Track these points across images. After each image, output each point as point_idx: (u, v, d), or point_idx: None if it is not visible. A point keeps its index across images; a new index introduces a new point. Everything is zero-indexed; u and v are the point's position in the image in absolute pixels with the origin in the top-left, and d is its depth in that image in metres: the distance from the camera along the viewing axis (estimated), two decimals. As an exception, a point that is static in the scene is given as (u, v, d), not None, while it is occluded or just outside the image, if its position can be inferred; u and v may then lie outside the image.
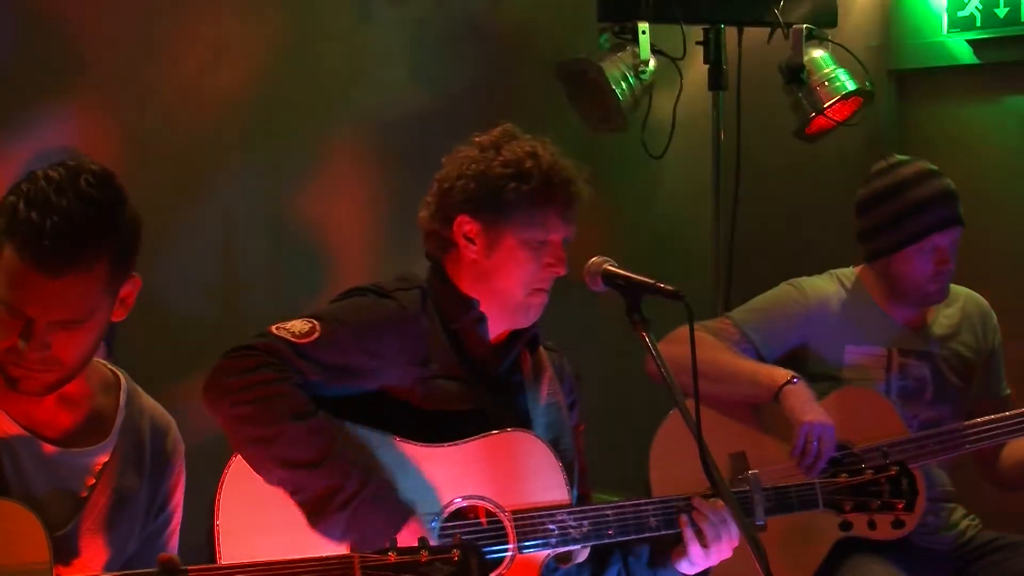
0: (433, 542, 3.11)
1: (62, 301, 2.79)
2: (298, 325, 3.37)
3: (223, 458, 3.27)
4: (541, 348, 3.69)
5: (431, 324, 3.51)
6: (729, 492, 3.31)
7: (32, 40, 4.48)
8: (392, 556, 2.89)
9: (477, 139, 3.57)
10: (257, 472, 3.28)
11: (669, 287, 3.32)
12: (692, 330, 3.28)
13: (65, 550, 2.92)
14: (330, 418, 3.32)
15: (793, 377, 4.15)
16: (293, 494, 3.27)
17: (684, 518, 3.53)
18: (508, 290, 3.51)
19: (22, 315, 2.79)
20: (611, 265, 3.44)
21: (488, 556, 3.40)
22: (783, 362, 4.32)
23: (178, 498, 3.16)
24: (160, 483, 3.12)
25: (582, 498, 3.67)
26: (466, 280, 3.54)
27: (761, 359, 4.33)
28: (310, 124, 5.08)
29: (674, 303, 3.27)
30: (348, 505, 3.23)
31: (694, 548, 3.51)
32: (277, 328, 3.37)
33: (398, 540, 3.10)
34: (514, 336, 3.60)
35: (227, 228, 4.95)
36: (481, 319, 3.54)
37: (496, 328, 3.57)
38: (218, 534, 3.27)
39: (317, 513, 3.25)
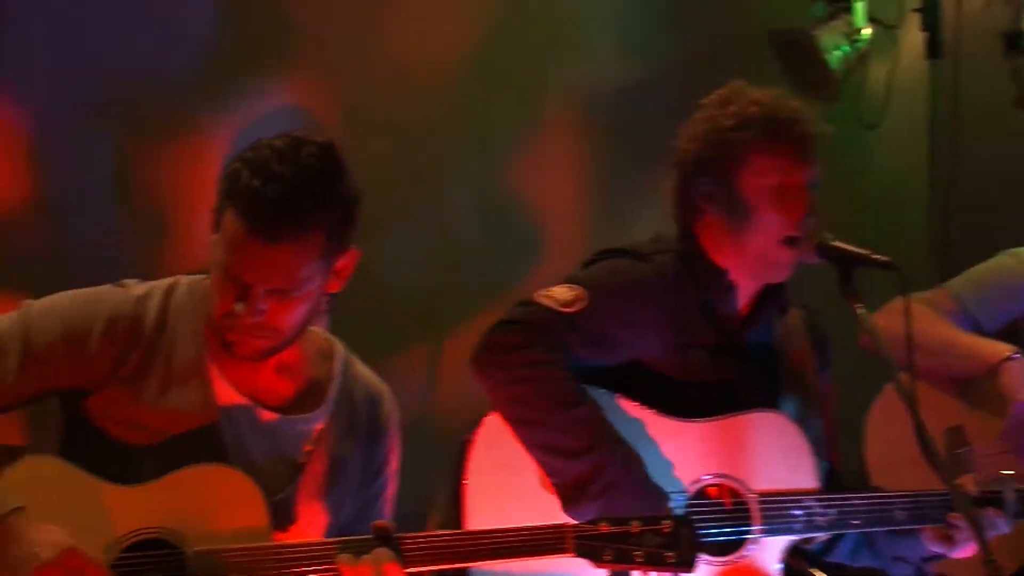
0: None
1: (277, 268, 2.84)
2: (562, 293, 3.38)
3: (433, 430, 3.30)
4: (793, 310, 3.64)
5: (685, 291, 3.47)
6: (960, 493, 3.22)
7: (252, 6, 4.56)
8: (604, 526, 2.89)
9: (706, 101, 3.53)
10: (519, 441, 3.32)
11: (883, 258, 3.26)
12: (906, 301, 3.21)
13: (283, 515, 2.97)
14: (594, 400, 3.32)
15: (1014, 352, 4.03)
16: (549, 476, 3.30)
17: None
18: (758, 246, 3.44)
19: (239, 280, 2.85)
20: (825, 236, 3.39)
21: (729, 538, 3.39)
22: (1002, 336, 4.20)
23: (392, 466, 3.19)
24: (375, 450, 3.15)
25: (831, 468, 3.62)
26: (715, 245, 3.49)
27: (979, 332, 4.22)
28: (521, 97, 5.09)
29: (888, 274, 3.21)
30: (603, 494, 3.24)
31: (937, 546, 3.45)
32: (541, 296, 3.38)
33: None
34: (763, 303, 3.56)
35: (440, 202, 4.99)
36: (731, 288, 3.50)
37: (746, 293, 3.53)
38: (466, 493, 3.32)
39: (571, 498, 3.27)
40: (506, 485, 3.35)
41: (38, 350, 2.90)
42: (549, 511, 3.21)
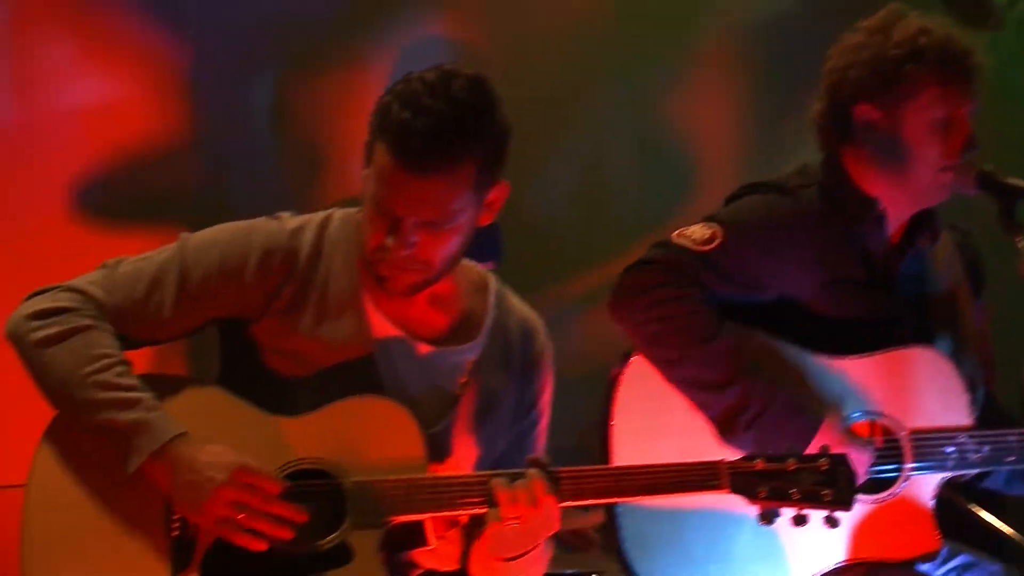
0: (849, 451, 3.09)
1: (427, 201, 2.84)
2: (699, 231, 3.36)
3: (585, 363, 3.30)
4: (944, 233, 3.58)
5: (832, 224, 3.42)
6: None
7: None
8: (759, 463, 2.87)
9: (864, 24, 3.46)
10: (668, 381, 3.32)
11: None
12: None
13: (438, 448, 2.99)
14: (734, 333, 3.31)
15: None
16: (701, 409, 3.30)
17: None
18: (916, 174, 3.39)
19: (390, 213, 2.85)
20: (985, 167, 3.32)
21: (880, 475, 3.36)
22: None
23: (546, 399, 3.19)
24: (528, 384, 3.15)
25: (987, 395, 3.57)
26: (864, 174, 3.44)
27: None
28: (675, 29, 5.05)
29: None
30: (754, 424, 3.24)
31: None
32: (678, 236, 3.36)
33: (810, 449, 3.13)
34: (914, 231, 3.50)
35: (593, 136, 4.98)
36: (881, 218, 3.44)
37: (896, 222, 3.47)
38: (612, 435, 3.33)
39: (725, 430, 3.29)
40: (652, 425, 3.35)
41: (195, 282, 2.95)
42: (696, 451, 3.20)
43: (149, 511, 2.83)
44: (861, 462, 3.25)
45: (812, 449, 3.17)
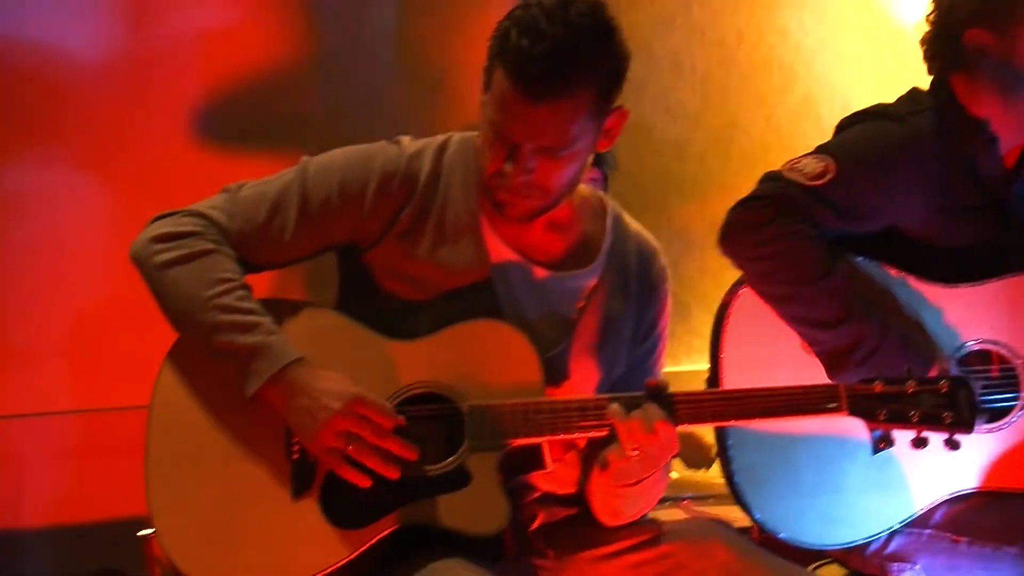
0: None
1: (545, 127, 2.83)
2: (810, 164, 3.33)
3: (702, 288, 3.29)
4: None
5: (944, 150, 3.37)
6: None
7: None
8: (878, 386, 2.84)
9: None
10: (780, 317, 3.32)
11: None
12: None
13: (556, 371, 2.99)
14: (847, 268, 3.29)
15: None
16: (811, 346, 3.28)
17: None
18: None
19: (508, 139, 2.85)
20: None
21: (996, 405, 3.32)
22: None
23: (663, 324, 3.17)
24: (646, 308, 3.14)
25: None
26: (975, 97, 3.38)
27: None
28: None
29: None
30: (867, 362, 3.21)
31: None
32: (789, 170, 3.33)
33: None
34: None
35: (711, 56, 4.93)
36: (993, 141, 3.39)
37: (1009, 145, 3.42)
38: (722, 366, 3.32)
39: (835, 366, 3.26)
40: (761, 356, 3.34)
41: (315, 206, 2.97)
42: (811, 379, 3.19)
43: (270, 434, 2.88)
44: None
45: None
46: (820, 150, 3.36)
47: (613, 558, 3.03)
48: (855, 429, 2.85)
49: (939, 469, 3.31)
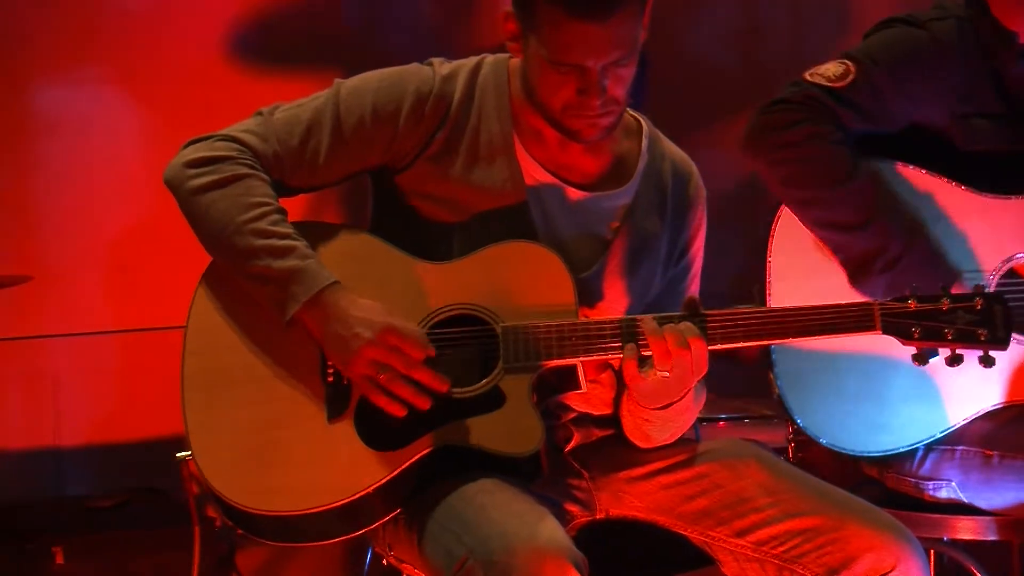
0: None
1: (615, 41, 2.82)
2: (832, 68, 3.34)
3: (743, 205, 3.28)
4: None
5: (967, 57, 3.36)
6: None
7: None
8: (912, 304, 2.83)
9: None
10: (802, 222, 3.32)
11: None
12: None
13: (589, 292, 2.99)
14: (872, 173, 3.27)
15: None
16: (835, 252, 3.28)
17: None
18: None
19: (577, 68, 2.83)
20: None
21: None
22: None
23: (699, 244, 3.17)
24: (681, 228, 3.13)
25: None
26: (1010, 10, 3.36)
27: None
28: None
29: None
30: (892, 267, 3.22)
31: None
32: (811, 74, 3.34)
33: None
34: None
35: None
36: (1022, 53, 3.37)
37: None
38: (769, 271, 3.33)
39: (858, 273, 3.27)
40: (807, 264, 3.34)
41: (349, 128, 2.96)
42: (848, 290, 3.19)
43: (305, 356, 2.88)
44: None
45: None
46: (843, 55, 3.37)
47: (648, 478, 3.05)
48: (896, 341, 2.85)
49: (979, 382, 3.31)
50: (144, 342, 4.52)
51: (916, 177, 3.35)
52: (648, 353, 2.80)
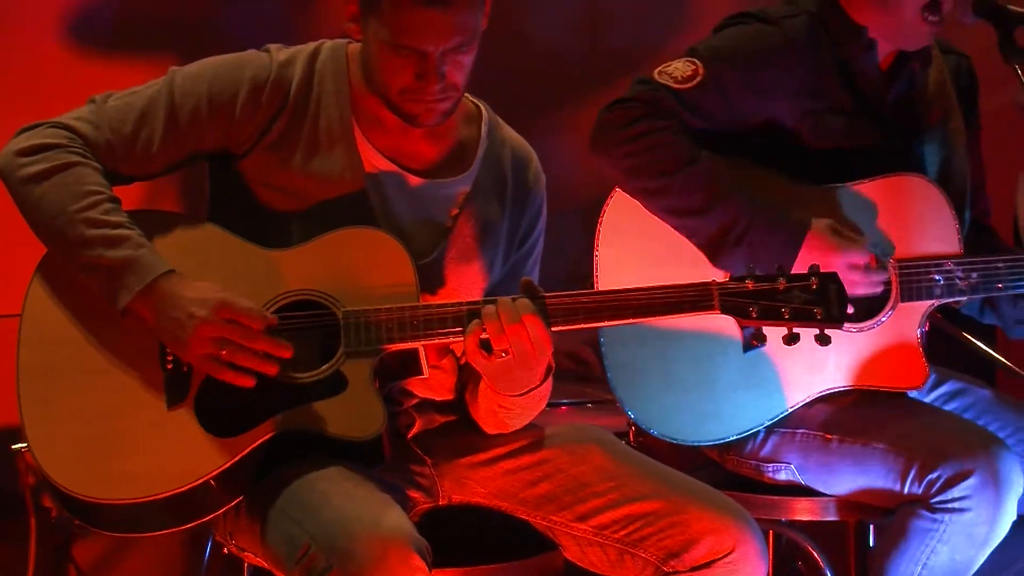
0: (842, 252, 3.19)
1: (456, 27, 2.83)
2: (680, 68, 3.36)
3: (581, 192, 3.30)
4: (937, 54, 3.55)
5: (819, 53, 3.41)
6: None
7: None
8: (750, 284, 2.86)
9: None
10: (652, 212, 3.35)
11: None
12: None
13: (430, 278, 3.00)
14: (711, 157, 3.32)
15: None
16: (689, 237, 3.32)
17: None
18: (902, 9, 3.36)
19: (418, 50, 2.84)
20: None
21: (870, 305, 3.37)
22: None
23: (539, 230, 3.19)
24: (522, 214, 3.15)
25: (976, 220, 3.59)
26: (858, 3, 3.41)
27: None
28: None
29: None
30: (743, 239, 3.27)
31: None
32: (659, 73, 3.37)
33: (799, 258, 3.20)
34: (904, 58, 3.48)
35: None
36: (871, 46, 3.43)
37: (885, 51, 3.46)
38: (596, 264, 3.36)
39: (714, 253, 3.32)
40: (636, 255, 3.38)
41: (184, 116, 2.93)
42: (680, 279, 3.22)
43: (143, 345, 2.85)
44: (856, 262, 3.27)
45: (805, 254, 3.24)
46: (691, 52, 3.39)
47: (491, 464, 3.06)
48: (728, 327, 2.89)
49: (811, 367, 3.37)
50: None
51: (762, 173, 3.39)
52: (486, 336, 2.81)
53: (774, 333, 2.88)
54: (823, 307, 2.85)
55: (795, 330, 2.86)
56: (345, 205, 2.96)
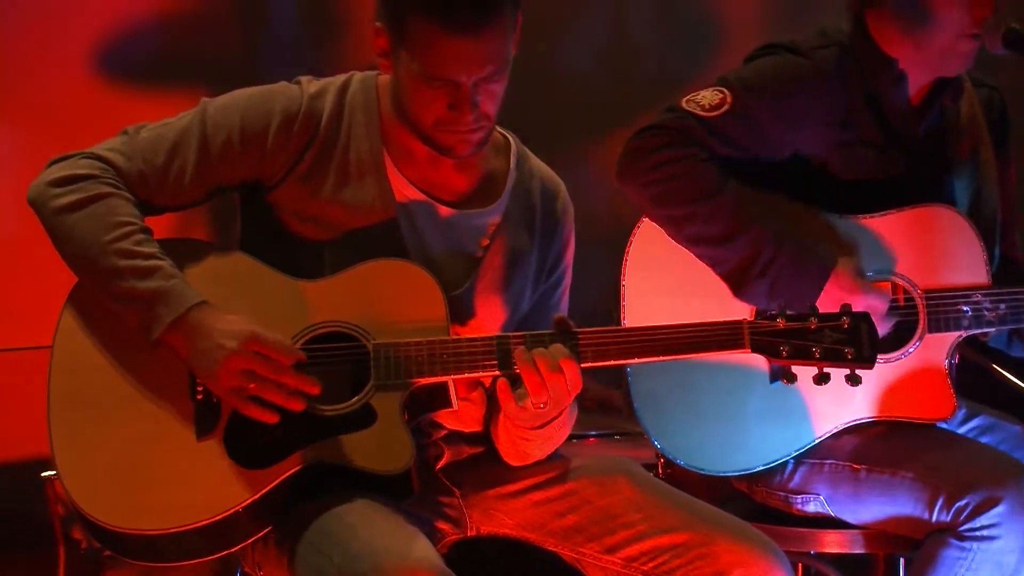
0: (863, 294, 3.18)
1: (486, 56, 2.83)
2: (708, 96, 3.36)
3: (607, 222, 3.30)
4: (968, 86, 3.55)
5: (850, 85, 3.41)
6: None
7: None
8: (781, 322, 2.86)
9: None
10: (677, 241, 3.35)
11: None
12: None
13: (461, 310, 3.00)
14: (741, 186, 3.32)
15: None
16: (713, 267, 3.32)
17: None
18: (936, 41, 3.35)
19: (449, 83, 2.84)
20: (1013, 25, 3.28)
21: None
22: None
23: (568, 260, 3.19)
24: (550, 245, 3.15)
25: (1004, 256, 3.58)
26: (887, 36, 3.41)
27: None
28: None
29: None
30: (767, 272, 3.26)
31: None
32: (687, 101, 3.37)
33: (824, 295, 3.18)
34: (936, 91, 3.48)
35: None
36: (901, 78, 3.42)
37: (917, 84, 3.45)
38: (623, 294, 3.35)
39: (737, 284, 3.32)
40: (663, 285, 3.38)
41: (216, 148, 2.94)
42: (705, 311, 3.22)
43: (173, 376, 2.86)
44: (876, 308, 3.26)
45: (828, 293, 3.23)
46: (720, 81, 3.39)
47: (519, 496, 3.06)
48: (755, 357, 2.88)
49: (838, 398, 3.36)
50: (10, 362, 4.44)
51: (784, 202, 3.39)
52: (519, 372, 2.81)
53: (804, 372, 2.88)
54: (854, 347, 2.84)
55: (826, 370, 2.86)
56: (376, 234, 2.97)
